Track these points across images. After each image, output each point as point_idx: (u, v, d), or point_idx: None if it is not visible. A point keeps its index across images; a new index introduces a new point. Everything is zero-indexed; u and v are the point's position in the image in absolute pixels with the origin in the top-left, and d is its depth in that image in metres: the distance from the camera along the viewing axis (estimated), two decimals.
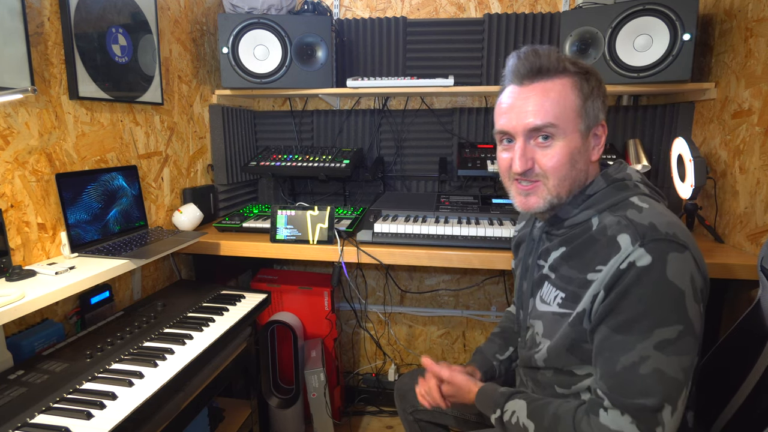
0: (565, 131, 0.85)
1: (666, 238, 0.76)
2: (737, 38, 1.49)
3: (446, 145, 2.03)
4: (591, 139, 0.89)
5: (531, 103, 0.86)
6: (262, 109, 2.22)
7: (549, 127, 0.85)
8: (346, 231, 1.58)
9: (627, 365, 0.75)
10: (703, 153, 1.63)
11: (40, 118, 1.18)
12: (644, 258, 0.75)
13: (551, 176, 0.87)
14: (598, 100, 0.87)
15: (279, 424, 1.89)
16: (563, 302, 0.88)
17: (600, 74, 0.90)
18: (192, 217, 1.65)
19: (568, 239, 0.90)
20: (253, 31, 1.74)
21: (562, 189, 0.88)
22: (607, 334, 0.79)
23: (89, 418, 0.87)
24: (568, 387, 0.90)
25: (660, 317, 0.75)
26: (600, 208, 0.87)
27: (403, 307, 2.24)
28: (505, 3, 1.96)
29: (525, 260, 1.03)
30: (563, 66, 0.86)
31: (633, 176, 0.90)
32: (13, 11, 1.07)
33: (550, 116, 0.84)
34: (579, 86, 0.86)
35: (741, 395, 0.98)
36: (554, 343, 0.89)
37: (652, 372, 0.74)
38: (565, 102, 0.85)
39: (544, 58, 0.85)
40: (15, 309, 0.93)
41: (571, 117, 0.85)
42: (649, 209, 0.82)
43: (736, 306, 1.42)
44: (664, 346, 0.74)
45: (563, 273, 0.89)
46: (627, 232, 0.79)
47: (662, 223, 0.78)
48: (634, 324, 0.76)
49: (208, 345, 1.17)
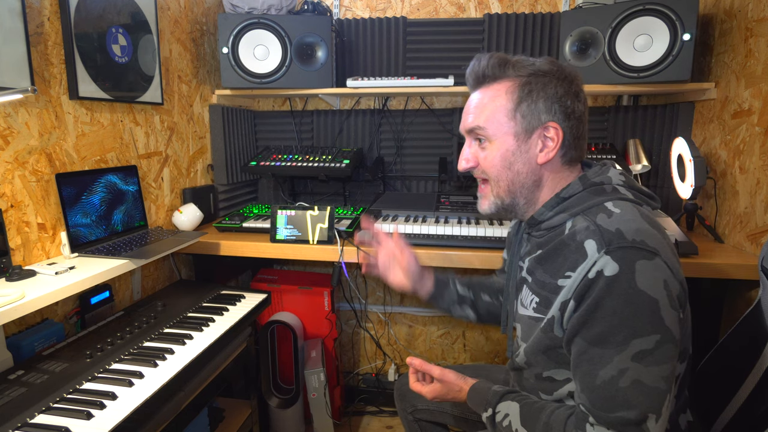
0: (495, 134, 0.89)
1: (633, 246, 0.74)
2: (737, 38, 1.49)
3: (446, 145, 2.03)
4: (536, 141, 0.87)
5: (469, 107, 0.93)
6: (262, 109, 2.22)
7: (478, 129, 0.91)
8: (346, 231, 1.58)
9: (606, 379, 0.74)
10: (703, 153, 1.63)
11: (40, 118, 1.18)
12: (610, 266, 0.74)
13: (489, 176, 0.92)
14: (542, 101, 0.86)
15: (279, 424, 1.89)
16: (537, 307, 0.88)
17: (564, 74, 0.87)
18: (192, 217, 1.65)
19: (543, 242, 0.91)
20: (253, 31, 1.74)
21: (501, 190, 0.91)
22: (583, 347, 0.77)
23: (89, 418, 0.87)
24: (551, 393, 0.90)
25: (635, 328, 0.73)
26: (574, 212, 0.85)
27: (403, 307, 2.24)
28: (505, 3, 1.96)
29: (511, 261, 1.04)
30: (503, 72, 0.89)
31: (613, 179, 0.88)
32: (13, 11, 1.07)
33: (480, 119, 0.90)
34: (514, 89, 0.88)
35: (741, 395, 0.98)
36: (530, 347, 0.90)
37: (632, 384, 0.72)
38: (495, 106, 0.89)
39: (483, 65, 0.90)
40: (15, 309, 0.93)
41: (501, 120, 0.88)
42: (620, 215, 0.79)
43: (736, 306, 1.42)
44: (642, 356, 0.72)
45: (538, 277, 0.90)
46: (593, 238, 0.77)
47: (630, 230, 0.76)
48: (609, 337, 0.74)
49: (208, 345, 1.17)
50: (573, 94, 0.87)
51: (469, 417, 1.19)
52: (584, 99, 0.89)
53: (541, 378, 0.91)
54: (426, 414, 1.26)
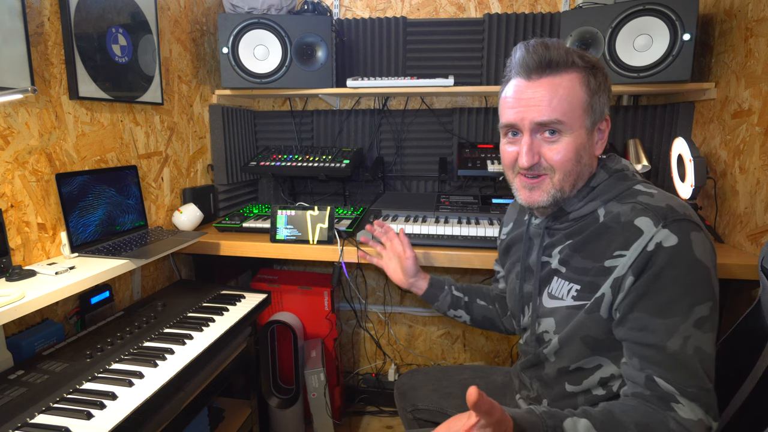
0: (572, 127, 0.85)
1: (685, 218, 0.79)
2: (737, 38, 1.49)
3: (446, 145, 2.02)
4: (596, 134, 0.90)
5: (539, 97, 0.85)
6: (262, 109, 2.22)
7: (556, 123, 0.85)
8: (346, 231, 1.58)
9: (676, 349, 0.75)
10: (703, 153, 1.63)
11: (40, 118, 1.18)
12: (670, 238, 0.77)
13: (558, 171, 0.87)
14: (604, 95, 0.88)
15: (279, 424, 1.89)
16: (578, 294, 0.87)
17: (606, 68, 0.90)
18: (192, 217, 1.65)
19: (575, 232, 0.90)
20: (253, 31, 1.74)
21: (566, 183, 0.88)
22: (643, 320, 0.78)
23: (89, 418, 0.87)
24: (579, 383, 0.89)
25: (696, 295, 0.76)
26: (606, 199, 0.88)
27: (403, 307, 2.24)
28: (505, 3, 1.96)
29: (524, 261, 1.02)
30: (572, 60, 0.85)
31: (629, 167, 0.93)
32: (13, 11, 1.07)
33: (558, 112, 0.84)
34: (587, 81, 0.85)
35: (741, 395, 0.98)
36: (566, 333, 0.88)
37: (695, 351, 0.75)
38: (573, 98, 0.85)
39: (554, 51, 0.84)
40: (15, 309, 0.93)
41: (578, 113, 0.85)
42: (660, 193, 0.85)
43: (736, 306, 1.42)
44: (702, 323, 0.76)
45: (576, 265, 0.89)
46: (646, 215, 0.80)
47: (678, 204, 0.81)
48: (673, 305, 0.76)
49: (208, 345, 1.17)
50: (610, 87, 0.91)
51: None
52: None
53: (566, 371, 0.90)
54: (426, 414, 1.26)
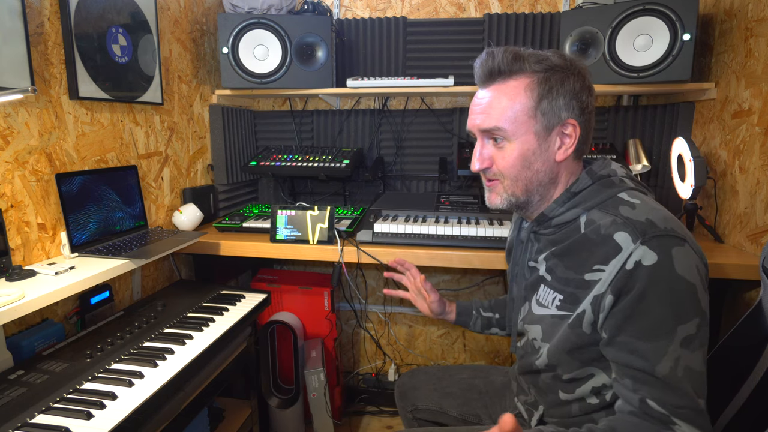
0: (515, 134, 0.86)
1: (666, 233, 0.75)
2: (737, 38, 1.49)
3: (446, 145, 2.02)
4: (555, 138, 0.86)
5: (484, 105, 0.88)
6: (262, 109, 2.22)
7: (496, 130, 0.87)
8: (346, 231, 1.58)
9: (666, 373, 0.73)
10: (703, 153, 1.63)
11: (40, 118, 1.18)
12: (649, 256, 0.74)
13: (506, 176, 0.89)
14: (561, 98, 0.84)
15: (279, 424, 1.89)
16: (561, 304, 0.86)
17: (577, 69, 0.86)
18: (192, 217, 1.65)
19: (558, 239, 0.89)
20: (253, 31, 1.74)
21: (517, 189, 0.89)
22: (631, 344, 0.76)
23: (89, 418, 0.87)
24: (572, 392, 0.89)
25: (680, 314, 0.74)
26: (587, 206, 0.86)
27: (403, 307, 2.24)
28: (505, 3, 1.96)
29: (516, 265, 1.02)
30: (519, 66, 0.85)
31: (618, 172, 0.88)
32: (13, 11, 1.07)
33: (496, 120, 0.86)
34: (534, 86, 0.84)
35: (741, 396, 0.98)
36: (554, 346, 0.87)
37: (685, 372, 0.73)
38: (514, 105, 0.85)
39: (498, 60, 0.86)
40: (15, 309, 0.93)
41: (521, 119, 0.85)
42: (642, 205, 0.81)
43: (737, 306, 1.42)
44: (689, 342, 0.73)
45: (560, 274, 0.88)
46: (624, 230, 0.77)
47: (659, 218, 0.77)
48: (658, 327, 0.74)
49: (208, 345, 1.17)
50: (587, 89, 0.87)
51: (468, 418, 1.20)
52: (594, 93, 0.89)
53: (559, 380, 0.90)
54: (426, 413, 1.26)
